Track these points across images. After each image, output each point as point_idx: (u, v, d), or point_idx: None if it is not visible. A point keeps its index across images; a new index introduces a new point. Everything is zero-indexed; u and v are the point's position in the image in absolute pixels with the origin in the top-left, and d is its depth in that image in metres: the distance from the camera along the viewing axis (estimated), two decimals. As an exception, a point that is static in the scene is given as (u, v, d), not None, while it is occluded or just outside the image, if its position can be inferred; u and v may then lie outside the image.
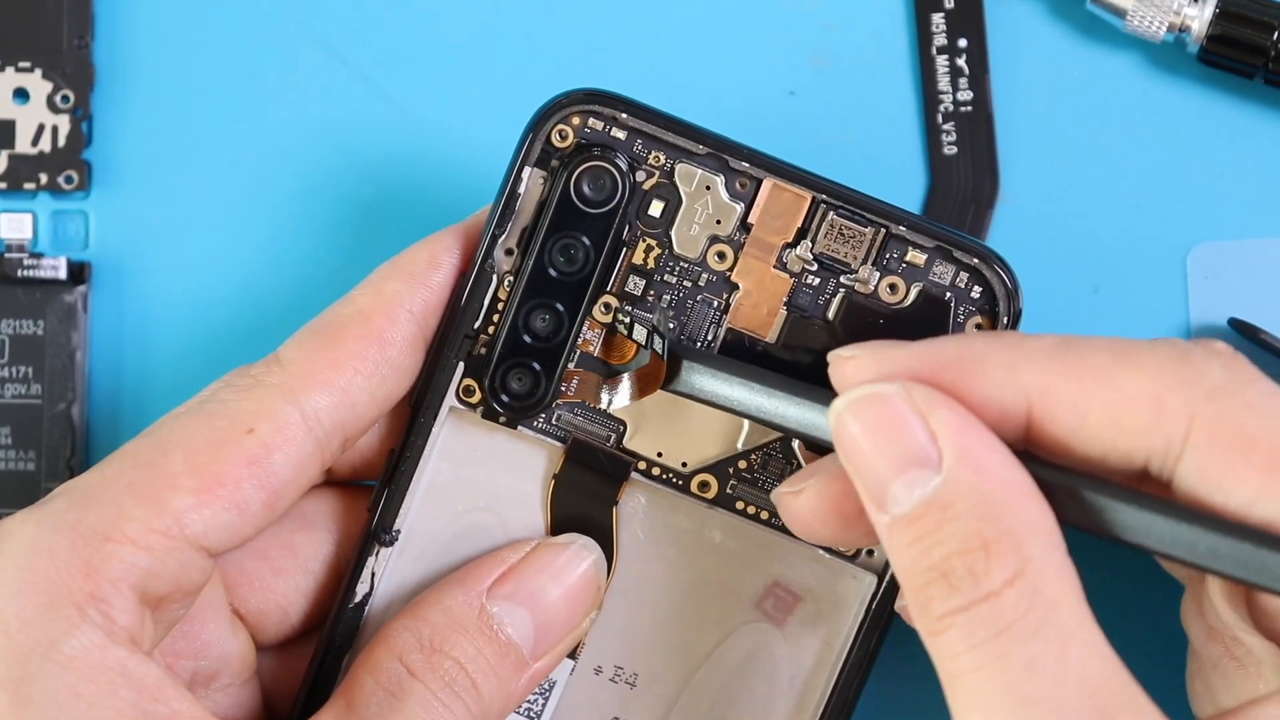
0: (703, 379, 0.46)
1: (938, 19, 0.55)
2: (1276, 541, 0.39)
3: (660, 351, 0.47)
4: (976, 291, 0.46)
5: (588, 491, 0.48)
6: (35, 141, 0.54)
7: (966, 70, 0.55)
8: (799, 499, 0.44)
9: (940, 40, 0.55)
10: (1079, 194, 0.55)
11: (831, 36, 0.55)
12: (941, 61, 0.55)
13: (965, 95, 0.55)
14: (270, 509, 0.44)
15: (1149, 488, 0.41)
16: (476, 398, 0.47)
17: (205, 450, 0.44)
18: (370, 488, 0.48)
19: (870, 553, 0.47)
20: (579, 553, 0.47)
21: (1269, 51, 0.53)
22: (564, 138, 0.47)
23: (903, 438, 0.40)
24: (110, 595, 0.42)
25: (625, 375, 0.47)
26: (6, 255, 0.54)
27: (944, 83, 0.55)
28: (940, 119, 0.55)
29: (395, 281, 0.46)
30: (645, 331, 0.47)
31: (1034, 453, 0.42)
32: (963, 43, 0.55)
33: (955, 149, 0.55)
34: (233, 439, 0.44)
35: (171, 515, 0.43)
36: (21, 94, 0.54)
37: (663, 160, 0.47)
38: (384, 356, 0.46)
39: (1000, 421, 0.41)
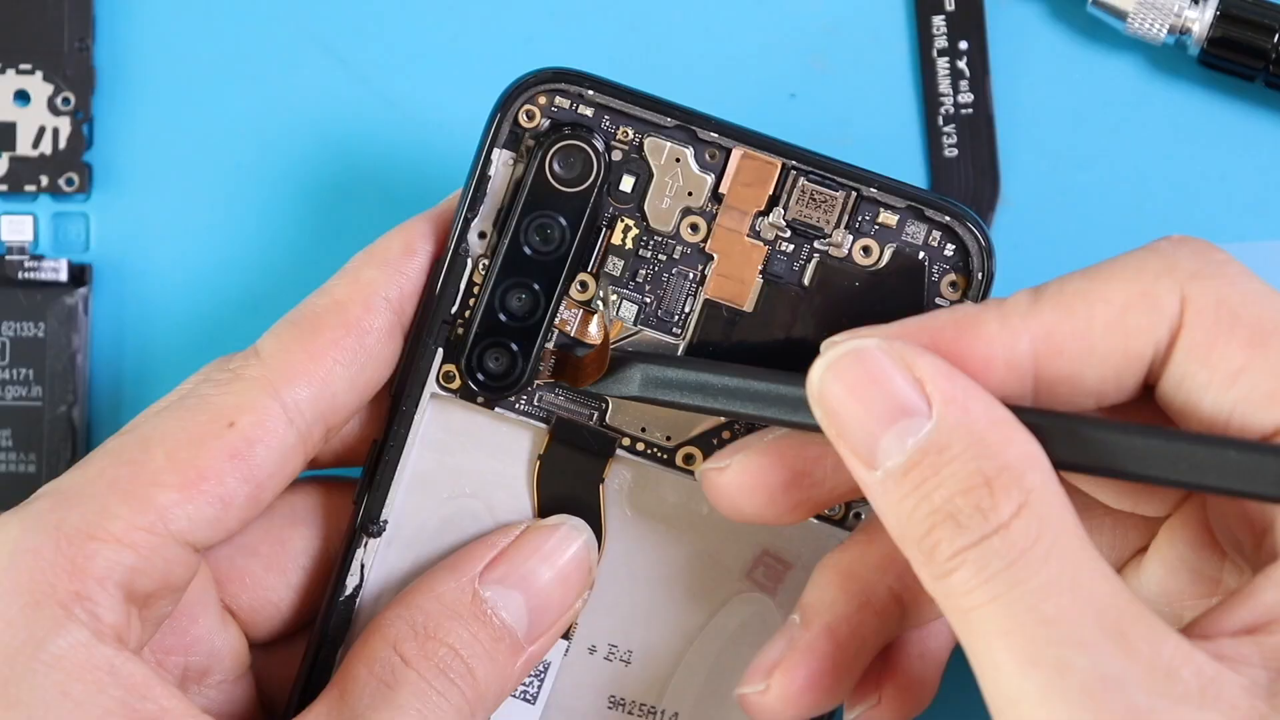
0: (663, 375, 0.46)
1: (938, 21, 0.55)
2: (1259, 447, 0.39)
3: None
4: (950, 250, 0.46)
5: (573, 471, 0.48)
6: (36, 144, 0.54)
7: (967, 73, 0.55)
8: (724, 474, 0.44)
9: (941, 43, 0.55)
10: (1080, 197, 0.54)
11: (832, 39, 0.55)
12: (942, 64, 0.55)
13: (966, 98, 0.54)
14: (254, 502, 0.45)
15: (1147, 407, 0.42)
16: (456, 383, 0.47)
17: (187, 445, 0.44)
18: (357, 479, 0.48)
19: (858, 516, 0.47)
20: (569, 533, 0.47)
21: (1270, 54, 0.52)
22: (531, 117, 0.46)
23: (888, 389, 0.40)
24: (95, 594, 0.42)
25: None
26: (7, 258, 0.54)
27: (945, 85, 0.55)
28: (941, 121, 0.55)
29: (371, 270, 0.46)
30: (635, 309, 0.47)
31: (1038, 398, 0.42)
32: (963, 45, 0.55)
33: (956, 152, 0.54)
34: (214, 433, 0.44)
35: (155, 512, 0.43)
36: (22, 96, 0.54)
37: (631, 135, 0.47)
38: (362, 345, 0.46)
39: (1008, 372, 0.41)
